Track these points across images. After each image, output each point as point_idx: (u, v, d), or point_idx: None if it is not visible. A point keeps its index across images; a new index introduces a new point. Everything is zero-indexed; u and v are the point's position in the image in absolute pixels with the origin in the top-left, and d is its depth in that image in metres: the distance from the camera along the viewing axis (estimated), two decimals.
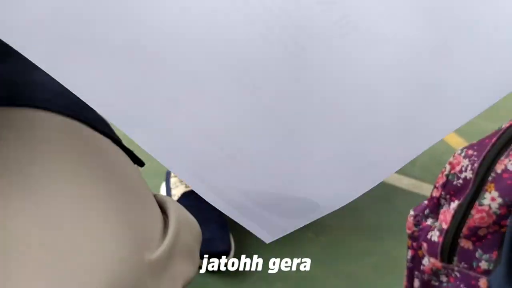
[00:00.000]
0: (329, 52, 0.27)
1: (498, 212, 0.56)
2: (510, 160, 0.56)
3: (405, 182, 1.27)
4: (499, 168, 0.56)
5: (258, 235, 0.34)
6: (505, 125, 0.59)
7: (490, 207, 0.57)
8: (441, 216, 0.63)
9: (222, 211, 0.32)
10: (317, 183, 0.32)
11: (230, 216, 0.33)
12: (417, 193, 1.24)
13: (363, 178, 0.33)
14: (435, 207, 0.65)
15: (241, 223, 0.33)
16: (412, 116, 0.31)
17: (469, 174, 0.59)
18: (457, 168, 0.61)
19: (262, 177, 0.31)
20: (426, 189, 1.25)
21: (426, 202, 0.67)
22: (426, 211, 0.67)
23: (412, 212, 0.68)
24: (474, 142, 0.62)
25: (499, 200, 0.56)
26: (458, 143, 1.49)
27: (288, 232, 0.33)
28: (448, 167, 0.62)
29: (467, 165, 0.59)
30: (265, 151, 0.31)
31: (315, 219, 0.33)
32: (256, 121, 0.30)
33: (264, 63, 0.27)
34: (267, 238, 0.34)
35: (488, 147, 0.58)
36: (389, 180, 1.27)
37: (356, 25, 0.26)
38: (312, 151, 0.31)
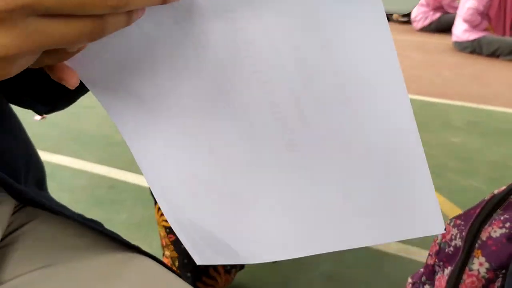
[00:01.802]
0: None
1: (486, 276, 0.62)
2: (493, 229, 0.62)
3: (393, 247, 1.31)
4: (484, 235, 0.62)
5: (191, 255, 0.42)
6: (487, 196, 0.65)
7: (479, 272, 0.62)
8: (436, 282, 0.68)
9: (172, 227, 0.41)
10: (243, 239, 0.39)
11: (176, 233, 0.41)
12: (405, 257, 1.27)
13: (283, 246, 0.38)
14: (430, 274, 0.70)
15: (182, 241, 0.42)
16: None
17: (458, 242, 0.65)
18: (448, 237, 0.66)
19: (207, 223, 0.39)
20: (413, 253, 1.29)
21: (422, 269, 0.72)
22: (423, 278, 0.71)
23: (410, 280, 0.72)
24: (461, 212, 0.68)
25: (486, 265, 0.62)
26: (441, 201, 1.56)
27: (213, 263, 0.42)
28: (439, 236, 0.68)
29: (456, 234, 0.65)
30: (212, 209, 0.38)
31: (233, 263, 0.41)
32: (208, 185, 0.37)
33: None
34: (197, 260, 0.42)
35: (474, 217, 0.64)
36: (377, 245, 1.31)
37: None
38: (248, 218, 0.37)
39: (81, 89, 0.44)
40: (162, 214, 0.94)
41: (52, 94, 0.49)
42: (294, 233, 0.37)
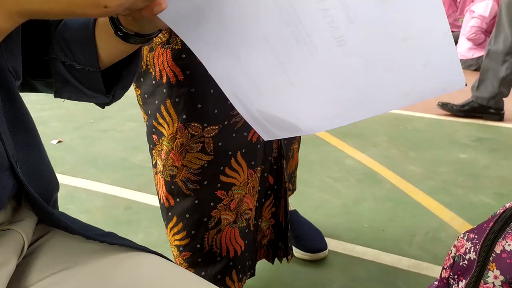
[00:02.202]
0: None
1: None
2: (507, 242, 0.65)
3: (405, 263, 1.33)
4: (498, 249, 0.64)
5: (260, 134, 0.55)
6: (499, 210, 0.68)
7: (494, 285, 0.64)
8: None
9: (243, 116, 0.53)
10: (301, 113, 0.50)
11: (246, 119, 0.54)
12: (417, 273, 1.29)
13: (337, 115, 0.50)
14: (445, 287, 0.72)
15: (251, 125, 0.54)
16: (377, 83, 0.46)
17: (472, 255, 0.67)
18: (462, 250, 0.69)
19: (268, 103, 0.51)
20: (425, 268, 1.31)
21: (436, 283, 0.75)
22: None
23: None
24: (474, 226, 0.71)
25: (501, 277, 0.64)
26: (451, 217, 1.58)
27: (278, 137, 0.54)
28: (453, 249, 0.71)
29: (470, 247, 0.68)
30: (273, 90, 0.50)
31: (295, 135, 0.53)
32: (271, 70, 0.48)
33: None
34: (265, 137, 0.55)
35: (487, 231, 0.66)
36: (389, 261, 1.33)
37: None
38: (303, 94, 0.49)
39: (133, 74, 0.56)
40: (173, 234, 0.96)
41: (111, 84, 0.57)
42: (345, 106, 0.48)
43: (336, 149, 2.23)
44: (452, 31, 4.97)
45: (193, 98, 0.84)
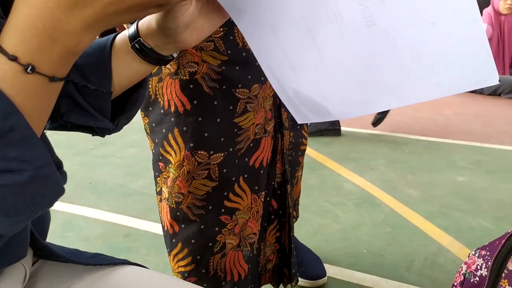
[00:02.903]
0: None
1: None
2: None
3: None
4: (510, 265, 0.65)
5: (294, 116, 0.56)
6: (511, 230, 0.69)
7: None
8: None
9: (278, 94, 0.55)
10: (331, 96, 0.52)
11: (282, 100, 0.55)
12: None
13: (366, 102, 0.50)
14: None
15: (287, 106, 0.56)
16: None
17: (484, 272, 0.68)
18: (473, 267, 0.70)
19: (301, 81, 0.52)
20: None
21: None
22: None
23: None
24: (486, 244, 0.72)
25: None
26: (449, 241, 1.58)
27: (311, 121, 0.55)
28: (464, 266, 0.72)
29: (482, 264, 0.69)
30: (307, 73, 0.51)
31: (326, 120, 0.54)
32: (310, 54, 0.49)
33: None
34: (298, 120, 0.56)
35: (499, 248, 0.67)
36: None
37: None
38: (333, 75, 0.50)
39: (137, 106, 0.59)
40: (177, 261, 0.97)
41: (115, 114, 0.59)
42: (373, 92, 0.48)
43: (334, 173, 2.25)
44: None
45: (200, 127, 0.86)
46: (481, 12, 4.42)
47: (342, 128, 3.01)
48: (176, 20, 0.47)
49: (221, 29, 0.82)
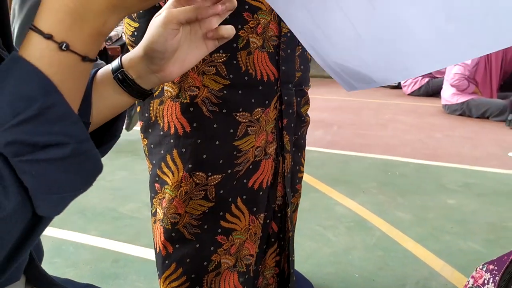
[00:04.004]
0: None
1: None
2: None
3: None
4: None
5: (341, 85, 0.61)
6: None
7: None
8: None
9: (324, 68, 0.59)
10: (371, 65, 0.55)
11: (328, 73, 0.61)
12: None
13: (404, 69, 0.53)
14: None
15: (333, 77, 0.60)
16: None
17: (491, 286, 0.69)
18: (480, 281, 0.71)
19: (342, 55, 0.55)
20: None
21: None
22: None
23: None
24: (494, 258, 0.73)
25: None
26: (441, 265, 1.59)
27: (356, 90, 0.60)
28: (471, 280, 0.72)
29: (489, 278, 0.69)
30: (348, 45, 0.54)
31: (371, 87, 0.58)
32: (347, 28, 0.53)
33: None
34: (346, 89, 0.61)
35: (507, 263, 0.68)
36: None
37: None
38: (370, 46, 0.53)
39: (115, 137, 0.60)
40: (170, 282, 0.97)
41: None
42: (410, 58, 0.51)
43: (325, 196, 2.26)
44: (436, 77, 5.13)
45: (199, 149, 0.88)
46: None
47: (332, 151, 3.03)
48: (165, 43, 0.51)
49: (224, 55, 0.84)
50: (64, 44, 0.35)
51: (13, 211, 0.34)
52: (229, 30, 0.55)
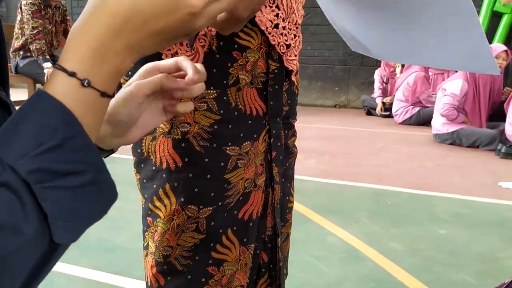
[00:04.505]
0: None
1: None
2: None
3: None
4: None
5: (349, 45, 0.70)
6: (507, 280, 0.72)
7: None
8: None
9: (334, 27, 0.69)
10: (368, 39, 0.64)
11: (337, 30, 0.73)
12: None
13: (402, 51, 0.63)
14: None
15: (342, 37, 0.70)
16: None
17: None
18: None
19: (349, 24, 0.65)
20: None
21: None
22: None
23: None
24: None
25: None
26: None
27: (358, 51, 0.69)
28: None
29: None
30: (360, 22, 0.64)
31: (367, 55, 0.67)
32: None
33: None
34: (352, 48, 0.70)
35: None
36: None
37: None
38: (366, 24, 0.62)
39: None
40: None
41: None
42: (401, 47, 0.60)
43: (317, 226, 2.27)
44: (427, 107, 5.22)
45: (191, 182, 0.90)
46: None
47: (324, 180, 3.06)
48: (130, 115, 0.55)
49: (215, 91, 0.87)
50: (86, 81, 0.39)
51: (33, 236, 0.36)
52: (186, 107, 0.61)
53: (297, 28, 0.91)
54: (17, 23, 4.23)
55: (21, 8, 4.19)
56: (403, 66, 5.71)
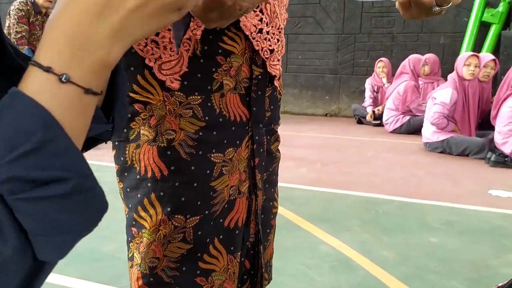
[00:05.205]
0: None
1: None
2: None
3: None
4: None
5: None
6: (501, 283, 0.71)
7: None
8: None
9: None
10: None
11: None
12: None
13: None
14: None
15: None
16: None
17: None
18: None
19: None
20: None
21: None
22: None
23: None
24: None
25: None
26: None
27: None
28: None
29: None
30: None
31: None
32: None
33: None
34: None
35: None
36: None
37: None
38: None
39: (121, 88, 0.52)
40: None
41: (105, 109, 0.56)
42: None
43: (309, 235, 2.25)
44: (416, 116, 5.25)
45: (178, 192, 0.88)
46: (446, 78, 4.69)
47: (315, 189, 3.04)
48: None
49: (199, 97, 0.85)
50: (64, 76, 0.34)
51: (11, 257, 0.31)
52: None
53: (280, 32, 0.90)
54: (5, 28, 4.21)
55: (9, 13, 4.18)
56: (392, 75, 5.75)
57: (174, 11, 0.40)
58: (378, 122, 5.87)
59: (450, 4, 0.64)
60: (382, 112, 5.71)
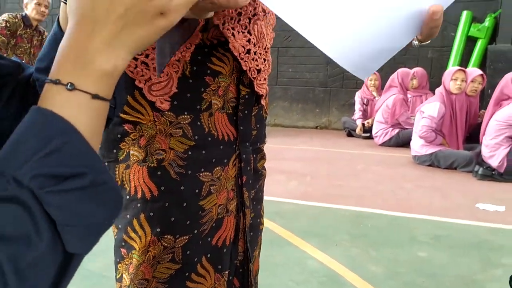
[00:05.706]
0: None
1: None
2: None
3: None
4: None
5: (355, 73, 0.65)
6: None
7: None
8: None
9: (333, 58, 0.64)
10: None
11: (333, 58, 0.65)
12: None
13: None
14: None
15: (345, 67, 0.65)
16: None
17: None
18: None
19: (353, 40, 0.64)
20: None
21: None
22: None
23: None
24: None
25: None
26: None
27: (368, 73, 0.65)
28: None
29: None
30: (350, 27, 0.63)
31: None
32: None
33: None
34: (361, 77, 0.65)
35: None
36: None
37: None
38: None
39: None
40: None
41: None
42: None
43: (298, 249, 2.25)
44: (405, 129, 5.29)
45: (167, 212, 0.88)
46: (434, 91, 4.74)
47: (305, 203, 3.05)
48: None
49: (188, 116, 0.86)
50: (69, 84, 0.39)
51: (46, 247, 0.36)
52: None
53: (266, 52, 0.92)
54: None
55: None
56: (381, 89, 5.81)
57: (157, 15, 0.43)
58: (368, 135, 5.91)
59: (428, 41, 0.66)
60: (372, 125, 5.75)
